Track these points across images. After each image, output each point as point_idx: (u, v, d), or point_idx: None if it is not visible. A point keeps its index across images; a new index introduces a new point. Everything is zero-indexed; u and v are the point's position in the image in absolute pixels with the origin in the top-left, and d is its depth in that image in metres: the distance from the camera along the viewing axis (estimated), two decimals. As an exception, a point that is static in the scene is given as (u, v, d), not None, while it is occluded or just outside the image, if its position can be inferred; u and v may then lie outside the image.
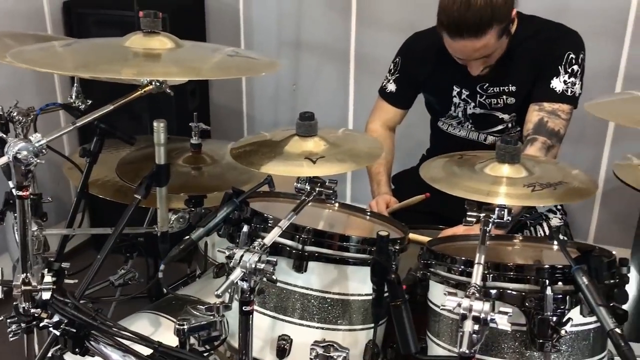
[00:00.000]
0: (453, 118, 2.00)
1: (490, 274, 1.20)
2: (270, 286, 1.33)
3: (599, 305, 1.07)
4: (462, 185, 1.15)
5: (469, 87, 1.91)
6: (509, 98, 1.87)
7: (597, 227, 2.79)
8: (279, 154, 1.26)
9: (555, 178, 1.15)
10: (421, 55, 1.98)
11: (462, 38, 1.66)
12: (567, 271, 1.15)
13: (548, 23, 1.87)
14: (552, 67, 1.78)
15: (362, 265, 1.32)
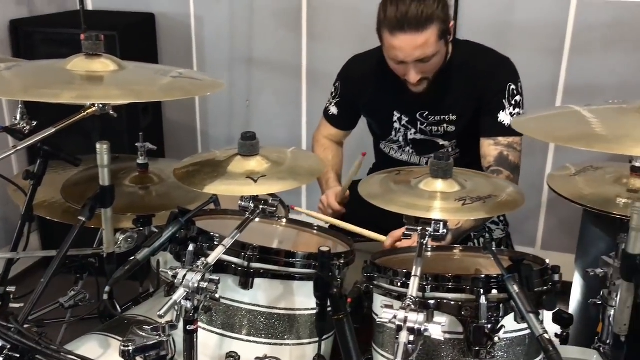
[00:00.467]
0: (394, 142, 2.02)
1: (429, 285, 1.25)
2: (217, 304, 1.35)
3: (529, 312, 1.12)
4: (398, 201, 1.20)
5: (409, 114, 1.93)
6: (450, 126, 1.90)
7: (544, 234, 2.89)
8: (221, 173, 1.29)
9: (486, 192, 1.20)
10: (360, 79, 1.98)
11: (403, 32, 1.67)
12: (500, 280, 1.20)
13: (480, 49, 1.91)
14: (497, 102, 1.82)
15: (308, 280, 1.35)
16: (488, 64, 1.87)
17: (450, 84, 1.85)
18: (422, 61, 1.74)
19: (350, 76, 2.03)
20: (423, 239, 1.19)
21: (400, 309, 1.04)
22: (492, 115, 1.82)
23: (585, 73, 2.61)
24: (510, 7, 2.63)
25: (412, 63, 1.75)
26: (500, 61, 1.88)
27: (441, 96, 1.85)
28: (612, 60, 2.58)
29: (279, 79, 3.09)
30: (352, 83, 2.01)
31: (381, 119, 2.01)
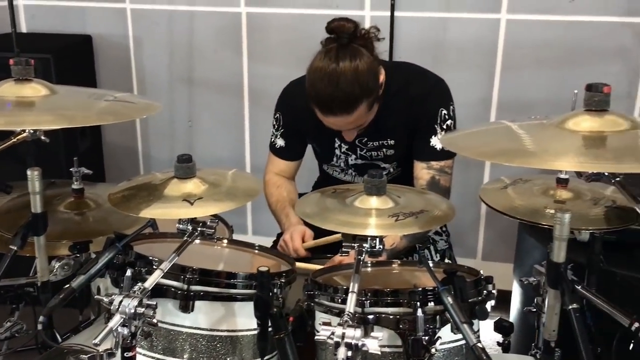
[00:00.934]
0: (336, 166, 2.04)
1: (368, 300, 1.27)
2: (157, 328, 1.33)
3: (463, 322, 1.15)
4: (334, 219, 1.22)
5: (347, 142, 1.94)
6: (389, 150, 1.93)
7: (484, 246, 2.97)
8: (157, 197, 1.28)
9: (418, 207, 1.24)
10: (300, 107, 1.90)
11: (333, 115, 1.69)
12: (435, 292, 1.23)
13: (415, 72, 1.94)
14: (429, 127, 1.85)
15: (249, 301, 1.35)
16: (422, 88, 1.88)
17: (387, 110, 1.86)
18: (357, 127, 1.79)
19: (289, 105, 2.00)
20: (360, 256, 1.22)
21: (338, 325, 1.06)
22: (425, 139, 1.86)
23: (516, 89, 2.72)
24: (443, 27, 2.72)
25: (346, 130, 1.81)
26: (434, 85, 1.90)
27: (379, 122, 1.87)
28: (541, 77, 2.69)
29: (220, 99, 3.09)
30: (292, 111, 1.99)
31: (323, 145, 2.01)
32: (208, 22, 2.99)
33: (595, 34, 2.61)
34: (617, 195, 1.54)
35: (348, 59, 1.64)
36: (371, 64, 1.69)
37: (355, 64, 1.64)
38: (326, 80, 1.64)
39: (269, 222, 2.23)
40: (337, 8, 2.82)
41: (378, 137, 1.91)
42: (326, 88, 1.64)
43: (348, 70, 1.63)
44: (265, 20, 2.92)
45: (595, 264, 1.70)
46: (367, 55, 1.69)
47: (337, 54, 1.65)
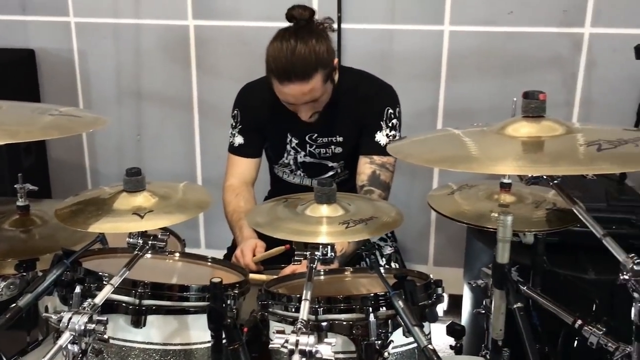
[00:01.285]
0: (286, 166, 2.08)
1: (321, 308, 1.29)
2: (108, 345, 1.31)
3: (414, 325, 1.18)
4: (285, 228, 1.23)
5: (298, 136, 2.01)
6: (337, 148, 2.00)
7: (435, 251, 3.03)
8: (106, 211, 1.27)
9: (367, 214, 1.26)
10: (257, 103, 2.04)
11: (290, 82, 1.77)
12: (387, 297, 1.26)
13: (365, 76, 2.04)
14: (375, 123, 1.95)
15: (202, 313, 1.34)
16: (370, 89, 1.99)
17: (337, 108, 1.95)
18: (311, 101, 1.84)
19: (247, 101, 2.07)
20: (312, 264, 1.23)
21: (292, 332, 1.07)
22: (370, 135, 1.95)
23: (461, 98, 2.79)
24: (389, 38, 2.78)
25: (302, 105, 1.85)
26: (382, 87, 2.01)
27: (329, 119, 1.95)
28: (484, 85, 2.78)
29: (170, 112, 3.07)
30: (250, 108, 2.06)
31: (276, 141, 2.06)
32: (155, 35, 2.97)
33: (534, 43, 2.71)
34: (557, 198, 1.61)
35: (306, 35, 1.79)
36: (327, 43, 1.84)
37: (312, 40, 1.79)
38: (285, 51, 1.76)
39: (222, 234, 2.23)
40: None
41: (327, 134, 1.99)
42: (284, 57, 1.76)
43: (305, 43, 1.77)
44: (214, 32, 2.92)
45: (539, 264, 1.77)
46: (323, 36, 1.84)
47: (295, 31, 1.80)
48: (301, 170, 2.07)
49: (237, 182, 2.08)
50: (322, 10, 2.73)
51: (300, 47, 1.76)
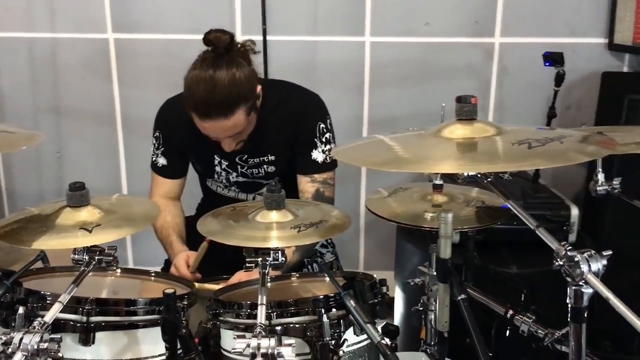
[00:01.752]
0: (219, 182, 2.05)
1: (274, 312, 1.31)
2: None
3: (366, 322, 1.23)
4: (238, 235, 1.25)
5: (228, 159, 1.96)
6: (269, 167, 1.96)
7: (365, 255, 3.11)
8: (50, 227, 1.23)
9: (316, 218, 1.31)
10: (178, 123, 1.93)
11: (211, 119, 1.69)
12: (338, 298, 1.30)
13: (292, 89, 2.00)
14: (309, 141, 1.92)
15: (152, 327, 1.34)
16: (299, 104, 1.95)
17: (266, 126, 1.90)
18: (234, 135, 1.79)
19: (168, 121, 2.00)
20: (264, 269, 1.25)
21: (252, 337, 1.09)
22: (306, 154, 1.92)
23: (384, 106, 2.90)
24: (313, 49, 2.85)
25: (224, 138, 1.80)
26: (310, 101, 1.98)
27: (258, 139, 1.90)
28: (405, 93, 2.90)
29: (92, 127, 2.99)
30: (172, 128, 1.98)
31: (203, 161, 2.02)
32: (73, 49, 2.90)
33: (449, 53, 2.86)
34: (484, 196, 1.72)
35: (225, 66, 1.68)
36: (248, 72, 1.74)
37: (232, 71, 1.68)
38: (203, 85, 1.66)
39: (150, 252, 2.19)
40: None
41: (258, 154, 1.94)
42: (203, 92, 1.66)
43: (225, 76, 1.67)
44: (135, 46, 2.89)
45: (471, 260, 1.87)
46: (243, 64, 1.73)
47: (214, 61, 1.68)
48: (235, 187, 2.04)
49: (162, 199, 2.04)
50: (246, 22, 2.78)
51: (220, 80, 1.66)
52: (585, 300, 1.06)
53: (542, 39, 2.81)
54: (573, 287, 1.06)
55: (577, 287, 1.06)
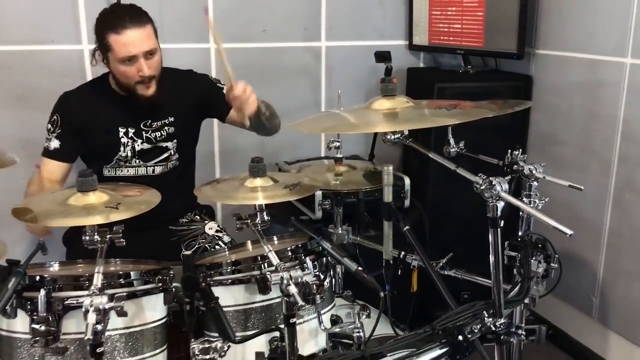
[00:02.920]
0: (121, 160, 2.27)
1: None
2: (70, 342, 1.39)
3: (343, 256, 1.58)
4: (242, 197, 1.52)
5: (134, 125, 2.25)
6: (170, 128, 2.31)
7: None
8: (70, 208, 1.36)
9: (293, 181, 1.62)
10: (79, 107, 2.22)
11: (128, 29, 2.04)
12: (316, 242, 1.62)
13: (179, 70, 2.43)
14: (214, 88, 2.40)
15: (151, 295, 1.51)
16: (185, 72, 2.44)
17: (162, 94, 2.22)
18: (150, 54, 2.12)
19: (69, 107, 2.22)
20: (255, 227, 1.53)
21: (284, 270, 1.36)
22: (220, 95, 2.32)
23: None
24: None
25: (142, 57, 2.09)
26: (198, 76, 2.46)
27: (157, 106, 2.25)
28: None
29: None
30: (72, 113, 2.21)
31: (107, 137, 2.24)
32: None
33: (285, 56, 3.29)
34: (370, 166, 2.18)
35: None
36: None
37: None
38: (114, 8, 2.16)
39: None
40: (53, 43, 2.87)
41: (159, 117, 2.29)
42: (118, 11, 2.12)
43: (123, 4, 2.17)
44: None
45: (362, 217, 2.31)
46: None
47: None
48: (137, 158, 2.28)
49: (49, 182, 2.19)
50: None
51: (130, 5, 2.14)
52: (498, 211, 1.54)
53: (359, 42, 3.40)
54: (490, 203, 1.53)
55: (493, 203, 1.53)
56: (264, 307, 1.56)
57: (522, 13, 2.93)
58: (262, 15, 3.20)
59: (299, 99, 3.36)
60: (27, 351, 1.41)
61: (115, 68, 2.14)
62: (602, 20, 2.70)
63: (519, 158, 1.93)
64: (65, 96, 2.26)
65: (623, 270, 2.73)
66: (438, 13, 3.32)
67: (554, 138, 3.03)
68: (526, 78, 3.13)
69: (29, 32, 2.82)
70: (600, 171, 2.77)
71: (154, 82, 2.17)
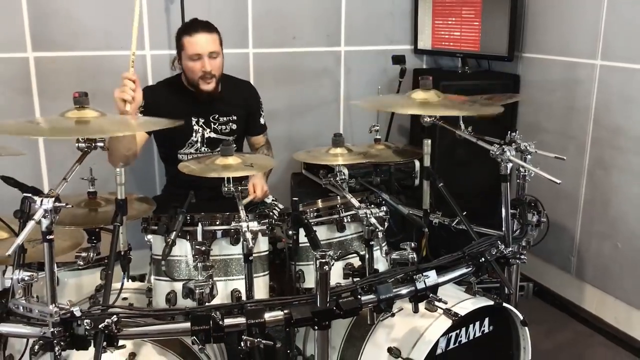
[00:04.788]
0: (192, 145, 2.88)
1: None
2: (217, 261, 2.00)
3: (397, 204, 2.23)
4: (323, 159, 2.16)
5: (204, 117, 2.87)
6: (233, 124, 2.95)
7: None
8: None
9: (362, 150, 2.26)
10: (159, 97, 2.80)
11: (197, 32, 2.68)
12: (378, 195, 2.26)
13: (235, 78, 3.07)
14: (257, 110, 3.07)
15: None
16: (244, 83, 3.11)
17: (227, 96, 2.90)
18: (212, 56, 2.70)
19: (151, 94, 2.71)
20: (336, 181, 2.17)
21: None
22: (256, 119, 3.07)
23: (269, 101, 3.82)
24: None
25: (206, 56, 2.69)
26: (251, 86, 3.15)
27: (223, 104, 2.89)
28: (280, 91, 3.89)
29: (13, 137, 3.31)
30: (153, 98, 2.74)
31: (183, 124, 2.73)
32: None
33: (310, 59, 3.94)
34: (397, 146, 2.83)
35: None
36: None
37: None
38: (192, 21, 2.79)
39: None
40: (122, 49, 3.46)
41: (225, 114, 2.92)
42: (192, 21, 2.79)
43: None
44: (54, 63, 3.35)
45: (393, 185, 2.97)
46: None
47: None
48: (205, 146, 2.89)
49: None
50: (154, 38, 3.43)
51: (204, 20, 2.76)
52: (508, 170, 2.19)
53: (372, 47, 4.06)
54: (502, 164, 2.19)
55: (504, 164, 2.19)
56: (340, 241, 2.19)
57: (511, 23, 3.63)
58: (291, 25, 3.85)
59: (322, 95, 4.03)
60: (186, 268, 2.02)
61: (185, 65, 2.77)
62: (576, 30, 3.41)
63: (516, 138, 2.59)
64: (147, 88, 2.82)
65: (595, 232, 3.43)
66: (440, 22, 4.00)
67: (539, 126, 3.73)
68: (514, 77, 3.83)
69: (101, 39, 3.41)
70: (576, 152, 3.47)
71: (214, 80, 2.77)
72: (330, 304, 1.74)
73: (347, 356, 2.25)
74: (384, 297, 1.85)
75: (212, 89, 2.77)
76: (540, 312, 3.61)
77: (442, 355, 2.18)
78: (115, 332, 1.63)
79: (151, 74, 3.52)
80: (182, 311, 1.73)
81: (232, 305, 1.76)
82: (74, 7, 3.34)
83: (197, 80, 2.75)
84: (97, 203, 2.11)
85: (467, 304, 2.19)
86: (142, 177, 3.62)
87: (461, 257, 2.13)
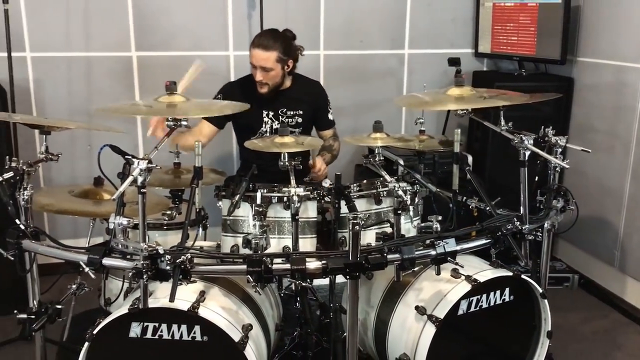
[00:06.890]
0: (262, 135, 3.36)
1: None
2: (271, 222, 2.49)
3: (427, 182, 2.65)
4: (365, 141, 2.62)
5: (273, 110, 3.32)
6: (299, 118, 3.39)
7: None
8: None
9: (407, 137, 2.70)
10: (238, 92, 3.28)
11: (254, 47, 3.13)
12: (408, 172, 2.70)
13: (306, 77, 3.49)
14: (325, 108, 3.47)
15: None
16: (314, 85, 3.51)
17: (297, 92, 3.35)
18: (264, 69, 3.14)
19: (230, 90, 3.30)
20: (375, 161, 2.63)
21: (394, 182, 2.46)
22: (325, 115, 3.47)
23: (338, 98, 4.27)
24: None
25: (258, 68, 3.15)
26: (319, 85, 3.57)
27: (292, 99, 3.33)
28: (349, 89, 4.35)
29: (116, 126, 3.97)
30: (231, 92, 3.27)
31: (254, 117, 3.26)
32: (103, 65, 3.91)
33: (376, 61, 4.38)
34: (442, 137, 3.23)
35: (284, 36, 3.22)
36: (294, 50, 3.25)
37: (287, 39, 3.21)
38: (263, 32, 3.29)
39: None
40: (208, 50, 4.06)
41: (292, 109, 3.35)
42: (261, 33, 3.26)
43: (279, 35, 3.19)
44: (153, 61, 3.98)
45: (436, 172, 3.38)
46: (293, 47, 3.24)
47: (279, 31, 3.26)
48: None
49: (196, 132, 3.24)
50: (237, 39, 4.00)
51: (273, 34, 3.17)
52: (526, 156, 2.55)
53: (434, 50, 4.45)
54: (521, 152, 2.56)
55: (524, 152, 2.56)
56: (377, 213, 2.63)
57: (565, 29, 3.93)
58: (359, 29, 4.30)
59: (386, 94, 4.43)
60: (247, 226, 2.53)
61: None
62: (624, 35, 3.67)
63: (549, 133, 2.92)
64: (229, 83, 3.41)
65: (638, 228, 3.67)
66: (499, 27, 4.35)
67: (590, 126, 3.98)
68: (569, 80, 4.11)
69: (190, 40, 4.01)
70: (622, 151, 3.71)
71: (266, 87, 3.23)
72: (361, 259, 2.19)
73: (382, 314, 2.69)
74: (407, 257, 2.28)
75: (264, 92, 3.23)
76: (583, 301, 3.86)
77: (464, 317, 2.55)
78: (189, 268, 2.14)
79: (233, 72, 4.09)
80: (241, 255, 2.24)
81: (281, 254, 2.25)
82: (168, 15, 3.98)
83: (255, 82, 3.26)
84: (181, 172, 2.67)
85: (488, 273, 2.56)
86: (223, 158, 4.19)
87: (481, 229, 2.52)
